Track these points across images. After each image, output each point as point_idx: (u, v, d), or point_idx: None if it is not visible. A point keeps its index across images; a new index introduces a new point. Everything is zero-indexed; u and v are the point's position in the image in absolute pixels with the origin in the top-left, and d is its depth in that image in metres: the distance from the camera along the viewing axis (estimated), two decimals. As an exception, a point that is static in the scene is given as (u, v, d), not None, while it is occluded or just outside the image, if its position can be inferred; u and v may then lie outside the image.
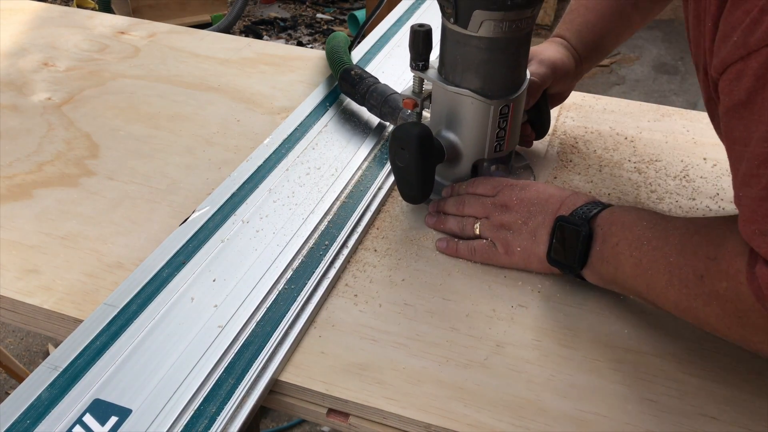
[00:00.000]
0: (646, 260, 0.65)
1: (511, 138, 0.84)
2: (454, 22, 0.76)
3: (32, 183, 0.89)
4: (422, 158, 0.77)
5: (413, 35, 0.81)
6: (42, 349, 1.99)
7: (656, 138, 1.03)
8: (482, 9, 0.74)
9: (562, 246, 0.72)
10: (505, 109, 0.81)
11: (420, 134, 0.76)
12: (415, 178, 0.79)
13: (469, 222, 0.81)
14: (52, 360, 0.64)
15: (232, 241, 0.79)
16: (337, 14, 4.14)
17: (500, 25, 0.74)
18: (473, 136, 0.83)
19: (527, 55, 0.82)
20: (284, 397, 0.66)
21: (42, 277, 0.75)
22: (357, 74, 0.99)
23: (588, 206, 0.73)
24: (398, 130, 0.78)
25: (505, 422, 0.62)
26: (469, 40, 0.77)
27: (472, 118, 0.81)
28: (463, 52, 0.78)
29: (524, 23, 0.76)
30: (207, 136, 1.01)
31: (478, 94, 0.79)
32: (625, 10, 0.94)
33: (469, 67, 0.79)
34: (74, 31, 1.29)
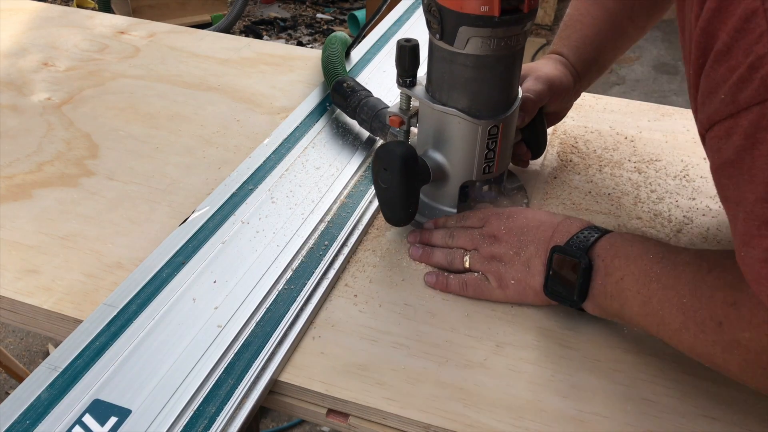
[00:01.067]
0: (656, 299, 0.62)
1: (501, 159, 0.81)
2: (439, 38, 0.73)
3: (32, 183, 0.89)
4: (406, 179, 0.74)
5: (399, 51, 0.78)
6: (42, 349, 1.99)
7: (656, 138, 1.03)
8: (468, 25, 0.70)
9: (559, 278, 0.69)
10: (494, 130, 0.77)
11: (404, 154, 0.73)
12: (399, 200, 0.75)
13: (458, 255, 0.77)
14: (51, 360, 0.64)
15: (231, 242, 0.79)
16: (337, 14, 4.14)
17: (488, 42, 0.71)
18: (461, 157, 0.79)
19: (519, 73, 0.78)
20: (284, 398, 0.66)
21: (42, 277, 0.75)
22: (349, 86, 0.97)
23: (584, 233, 0.69)
24: (381, 149, 0.74)
25: (505, 422, 0.62)
26: (455, 57, 0.73)
27: (460, 139, 0.78)
28: (450, 70, 0.75)
29: (514, 40, 0.72)
30: (207, 136, 1.01)
31: (465, 113, 0.76)
32: (622, 24, 0.91)
33: (456, 85, 0.76)
34: (74, 31, 1.29)
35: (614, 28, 0.91)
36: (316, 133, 0.98)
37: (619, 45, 0.94)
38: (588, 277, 0.67)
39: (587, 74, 0.93)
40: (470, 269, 0.76)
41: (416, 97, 0.80)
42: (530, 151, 0.91)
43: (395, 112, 0.84)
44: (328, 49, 1.09)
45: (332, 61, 1.05)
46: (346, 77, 1.00)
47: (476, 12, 0.68)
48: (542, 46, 3.34)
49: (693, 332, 0.59)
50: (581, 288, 0.67)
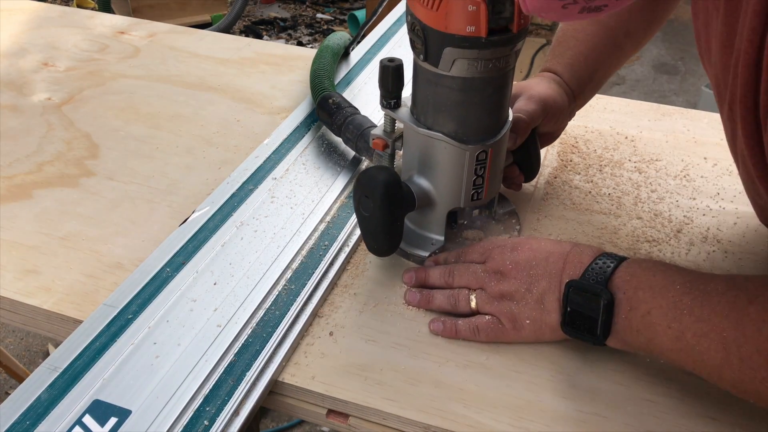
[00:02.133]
0: (690, 334, 0.57)
1: (490, 185, 0.76)
2: (424, 60, 0.68)
3: (32, 183, 0.89)
4: (388, 208, 0.69)
5: (382, 71, 0.74)
6: (42, 349, 1.99)
7: (656, 137, 1.03)
8: (454, 46, 0.65)
9: (579, 315, 0.63)
10: (483, 155, 0.73)
11: (386, 181, 0.68)
12: (381, 229, 0.71)
13: (463, 296, 0.71)
14: (51, 361, 0.64)
15: (231, 242, 0.78)
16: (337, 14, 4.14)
17: (475, 65, 0.66)
18: (447, 183, 0.75)
19: (509, 95, 0.74)
20: (284, 398, 0.66)
21: (41, 277, 0.75)
22: (335, 103, 0.92)
23: (599, 263, 0.64)
24: (363, 175, 0.70)
25: (505, 423, 0.62)
26: (441, 79, 0.69)
27: (446, 164, 0.73)
28: (435, 92, 0.70)
29: (503, 62, 0.68)
30: (207, 136, 1.00)
31: (451, 138, 0.71)
32: (617, 39, 0.87)
33: (442, 109, 0.71)
34: (74, 31, 1.29)
35: (610, 44, 0.88)
36: (317, 133, 0.98)
37: (614, 61, 0.90)
38: (611, 312, 0.62)
39: (582, 93, 0.89)
40: (478, 311, 0.70)
41: (400, 119, 0.76)
42: (523, 174, 0.86)
43: (379, 135, 0.80)
44: (317, 61, 1.05)
45: (319, 75, 1.01)
46: (332, 93, 0.95)
47: (462, 33, 0.64)
48: (542, 46, 3.34)
49: (737, 368, 0.55)
50: (604, 325, 0.62)
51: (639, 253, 0.81)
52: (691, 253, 0.82)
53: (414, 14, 0.67)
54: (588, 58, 0.87)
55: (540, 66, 3.41)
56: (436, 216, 0.78)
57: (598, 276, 0.63)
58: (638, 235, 0.84)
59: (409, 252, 0.79)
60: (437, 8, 0.64)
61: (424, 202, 0.76)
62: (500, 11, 0.63)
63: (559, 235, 0.84)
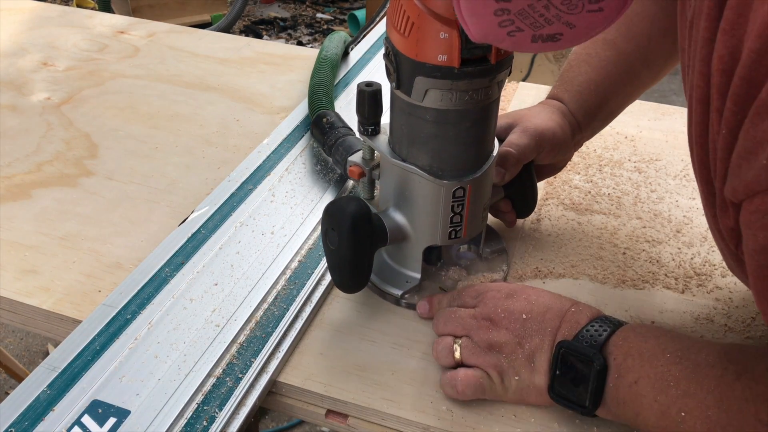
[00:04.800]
0: (675, 409, 0.53)
1: (470, 223, 0.70)
2: (397, 88, 0.64)
3: (31, 183, 0.89)
4: (356, 242, 0.65)
5: (358, 96, 0.69)
6: (42, 349, 1.99)
7: (656, 137, 1.03)
8: (425, 76, 0.60)
9: (568, 380, 0.58)
10: (460, 192, 0.67)
11: (354, 214, 0.64)
12: (348, 264, 0.66)
13: (446, 344, 0.65)
14: (50, 361, 0.64)
15: (231, 242, 0.78)
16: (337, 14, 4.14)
17: (449, 96, 0.61)
18: (423, 219, 0.70)
19: (491, 129, 0.68)
20: (283, 398, 0.66)
21: (41, 277, 0.75)
22: (329, 122, 0.90)
23: (595, 326, 0.59)
24: (331, 206, 0.66)
25: (505, 423, 0.62)
26: (414, 109, 0.64)
27: (421, 199, 0.68)
28: (409, 123, 0.66)
29: (481, 94, 0.62)
30: (206, 136, 1.00)
31: (426, 171, 0.66)
32: (634, 68, 0.79)
33: (416, 141, 0.66)
34: (73, 31, 1.29)
35: (625, 72, 0.80)
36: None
37: (629, 91, 0.82)
38: (603, 380, 0.57)
39: (590, 124, 0.81)
40: (462, 362, 0.64)
41: (376, 148, 0.71)
42: (516, 210, 0.81)
43: (356, 162, 0.75)
44: (316, 75, 1.02)
45: (317, 91, 0.98)
46: (328, 111, 0.92)
47: (433, 61, 0.59)
48: (542, 46, 3.33)
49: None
50: (594, 393, 0.57)
51: (639, 253, 0.81)
52: (690, 253, 0.81)
53: (389, 38, 0.63)
54: (599, 87, 0.80)
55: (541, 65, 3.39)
56: (412, 253, 0.73)
57: (592, 339, 0.58)
58: (638, 235, 0.84)
59: (383, 289, 0.74)
60: (408, 34, 0.59)
61: (397, 237, 0.71)
62: None
63: (559, 236, 0.84)
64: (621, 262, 0.80)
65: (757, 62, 0.40)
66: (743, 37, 0.41)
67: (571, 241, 0.83)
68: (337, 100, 1.06)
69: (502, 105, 1.09)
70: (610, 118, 0.84)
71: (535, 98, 1.10)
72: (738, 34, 0.42)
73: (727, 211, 0.47)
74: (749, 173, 0.42)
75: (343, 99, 1.06)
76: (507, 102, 1.10)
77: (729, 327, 0.72)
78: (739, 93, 0.42)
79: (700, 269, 0.79)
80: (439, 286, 0.74)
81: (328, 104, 0.96)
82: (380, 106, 0.70)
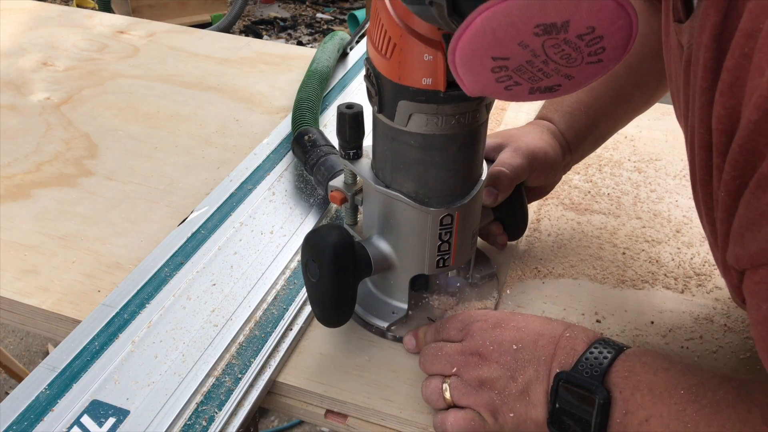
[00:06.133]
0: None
1: (459, 251, 0.67)
2: (379, 111, 0.60)
3: (31, 183, 0.89)
4: (338, 274, 0.61)
5: (339, 118, 0.65)
6: (42, 349, 1.99)
7: (656, 137, 1.03)
8: (409, 100, 0.56)
9: (568, 414, 0.54)
10: (448, 219, 0.63)
11: (336, 244, 0.60)
12: (329, 298, 0.62)
13: (434, 386, 0.61)
14: (50, 361, 0.64)
15: (230, 241, 0.78)
16: (337, 14, 4.14)
17: (434, 120, 0.57)
18: (409, 248, 0.66)
19: (479, 153, 0.64)
20: (283, 398, 0.66)
21: (40, 277, 0.75)
22: (311, 140, 0.85)
23: (593, 353, 0.55)
24: (312, 235, 0.62)
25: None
26: (397, 134, 0.60)
27: (407, 227, 0.65)
28: (392, 148, 0.61)
29: (469, 118, 0.58)
30: (206, 136, 1.00)
31: (411, 199, 0.62)
32: (625, 91, 0.78)
33: (400, 167, 0.62)
34: (73, 31, 1.29)
35: (616, 94, 0.78)
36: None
37: (620, 114, 0.81)
38: (606, 414, 0.53)
39: (580, 146, 0.80)
40: (454, 404, 0.60)
41: (358, 173, 0.67)
42: (507, 233, 0.78)
43: (337, 186, 0.70)
44: (302, 89, 0.98)
45: (301, 107, 0.94)
46: (310, 128, 0.88)
47: (417, 85, 0.55)
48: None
49: None
50: (598, 428, 0.53)
51: (638, 253, 0.81)
52: (690, 253, 0.81)
53: (370, 59, 0.59)
54: (590, 109, 0.78)
55: None
56: (398, 282, 0.69)
57: (593, 369, 0.54)
58: (637, 235, 0.84)
59: (367, 320, 0.70)
60: (390, 55, 0.55)
61: (382, 267, 0.67)
62: None
63: (559, 235, 0.84)
64: (620, 262, 0.80)
65: (757, 133, 0.39)
66: (741, 99, 0.40)
67: (571, 241, 0.83)
68: (335, 102, 1.06)
69: (502, 105, 1.09)
70: (600, 141, 0.83)
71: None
72: (736, 96, 0.41)
73: (730, 271, 0.46)
74: (753, 245, 0.41)
75: (340, 102, 1.06)
76: (507, 102, 1.10)
77: (728, 327, 0.72)
78: (738, 160, 0.41)
79: (699, 269, 0.79)
80: (427, 316, 0.71)
81: (312, 121, 0.92)
82: (362, 129, 0.66)
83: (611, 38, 0.43)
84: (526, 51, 0.43)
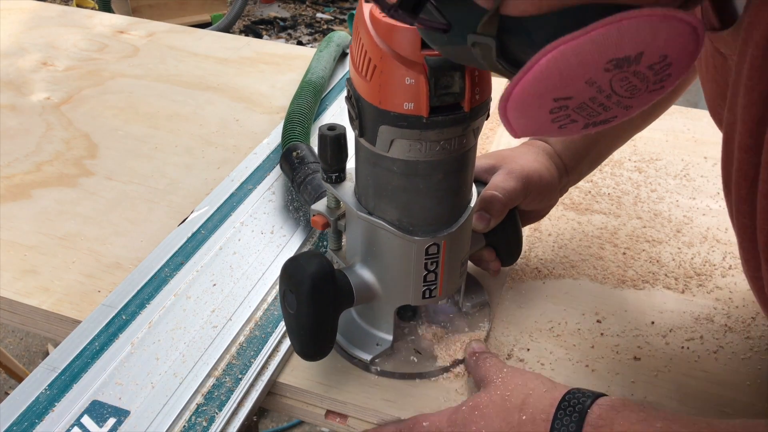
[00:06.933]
0: None
1: (447, 281, 0.63)
2: (360, 136, 0.57)
3: (31, 183, 0.89)
4: (317, 307, 0.58)
5: (320, 141, 0.62)
6: (42, 349, 1.99)
7: (657, 137, 1.03)
8: (390, 125, 0.53)
9: None
10: (434, 249, 0.60)
11: (315, 275, 0.57)
12: (308, 331, 0.59)
13: None
14: (50, 361, 0.64)
15: (231, 241, 0.78)
16: (337, 14, 4.14)
17: (418, 146, 0.54)
18: (393, 278, 0.62)
19: (467, 179, 0.60)
20: (283, 399, 0.66)
21: (40, 277, 0.75)
22: (299, 156, 0.82)
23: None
24: (290, 263, 0.59)
25: (505, 423, 0.62)
26: (380, 159, 0.56)
27: (391, 256, 0.61)
28: (375, 174, 0.58)
29: (455, 144, 0.54)
30: (206, 136, 1.00)
31: (395, 227, 0.59)
32: None
33: (383, 193, 0.59)
34: (73, 31, 1.29)
35: None
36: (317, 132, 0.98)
37: (620, 134, 0.77)
38: None
39: (577, 167, 0.76)
40: None
41: (341, 198, 0.63)
42: (500, 258, 0.74)
43: (320, 211, 0.66)
44: (295, 101, 0.95)
45: (292, 120, 0.90)
46: (299, 144, 0.84)
47: (398, 110, 0.52)
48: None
49: None
50: None
51: (639, 253, 0.81)
52: (691, 253, 0.81)
53: (350, 80, 0.56)
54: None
55: None
56: (383, 312, 0.66)
57: None
58: (638, 234, 0.84)
59: (350, 352, 0.66)
60: (370, 78, 0.52)
61: (365, 297, 0.64)
62: (447, 86, 0.51)
63: (559, 235, 0.84)
64: (621, 262, 0.80)
65: None
66: None
67: (571, 241, 0.83)
68: (334, 102, 1.06)
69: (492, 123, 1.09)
70: (598, 162, 0.79)
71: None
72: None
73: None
74: None
75: (338, 104, 1.07)
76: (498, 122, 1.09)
77: (729, 327, 0.72)
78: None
79: (700, 269, 0.79)
80: (414, 348, 0.67)
81: (303, 136, 0.88)
82: (345, 152, 0.63)
83: (678, 63, 0.40)
84: (592, 88, 0.40)
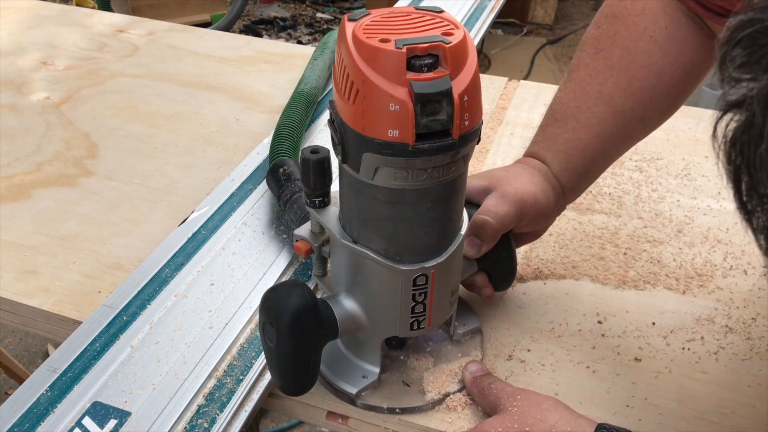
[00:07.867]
0: None
1: (436, 312, 0.60)
2: (343, 162, 0.53)
3: (31, 183, 0.89)
4: (298, 341, 0.55)
5: (303, 165, 0.58)
6: (42, 350, 1.99)
7: (658, 136, 1.02)
8: (374, 153, 0.50)
9: None
10: (422, 279, 0.57)
11: (296, 309, 0.54)
12: (289, 366, 0.56)
13: None
14: (51, 362, 0.64)
15: (231, 241, 0.78)
16: (337, 14, 4.13)
17: (404, 174, 0.51)
18: (379, 309, 0.60)
19: (456, 207, 0.57)
20: (284, 400, 0.66)
21: (41, 278, 0.75)
22: (286, 173, 0.78)
23: None
24: (270, 294, 0.56)
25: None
26: (364, 187, 0.53)
27: (377, 286, 0.58)
28: (359, 202, 0.55)
29: (443, 172, 0.52)
30: (206, 136, 1.00)
31: (381, 256, 0.56)
32: (630, 126, 0.69)
33: (368, 222, 0.56)
34: (73, 30, 1.29)
35: (619, 132, 0.69)
36: (317, 132, 0.98)
37: (621, 149, 0.73)
38: None
39: (575, 187, 0.72)
40: None
41: (324, 225, 0.60)
42: (493, 283, 0.71)
43: (303, 236, 0.64)
44: (285, 113, 0.91)
45: (281, 134, 0.86)
46: (287, 160, 0.80)
47: (383, 137, 0.49)
48: (542, 46, 3.33)
49: None
50: None
51: (640, 254, 0.81)
52: (692, 253, 0.81)
53: (333, 103, 0.53)
54: (588, 147, 0.69)
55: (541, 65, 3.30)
56: (369, 344, 0.63)
57: None
58: (639, 235, 0.84)
59: (335, 385, 0.64)
60: (353, 102, 0.49)
61: (350, 329, 0.61)
62: (434, 112, 0.48)
63: (560, 236, 0.83)
64: (622, 262, 0.80)
65: None
66: None
67: (572, 241, 0.83)
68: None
69: (502, 105, 1.09)
70: (596, 178, 0.75)
71: (535, 97, 1.10)
72: None
73: None
74: None
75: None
76: (508, 101, 1.09)
77: (730, 328, 0.72)
78: None
79: (701, 270, 0.79)
80: (402, 380, 0.64)
81: (291, 150, 0.84)
82: (328, 176, 0.59)
83: None
84: None
